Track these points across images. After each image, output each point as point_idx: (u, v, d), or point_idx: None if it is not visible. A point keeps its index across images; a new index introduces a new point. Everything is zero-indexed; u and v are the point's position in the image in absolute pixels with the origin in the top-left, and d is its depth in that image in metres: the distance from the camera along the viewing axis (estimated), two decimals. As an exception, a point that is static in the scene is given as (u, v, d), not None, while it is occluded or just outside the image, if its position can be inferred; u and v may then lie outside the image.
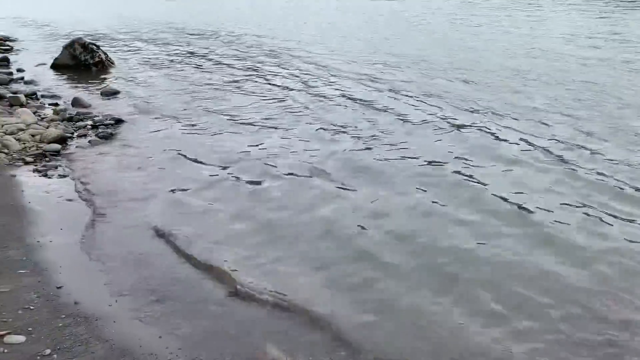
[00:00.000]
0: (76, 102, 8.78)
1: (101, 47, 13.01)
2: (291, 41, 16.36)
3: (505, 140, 6.81)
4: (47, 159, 6.21)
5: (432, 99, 8.84)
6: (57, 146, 6.51)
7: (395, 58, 12.60)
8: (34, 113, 7.86)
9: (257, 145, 6.73)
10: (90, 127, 7.49)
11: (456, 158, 6.20)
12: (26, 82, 10.76)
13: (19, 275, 3.74)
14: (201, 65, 12.82)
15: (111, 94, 9.59)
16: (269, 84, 10.41)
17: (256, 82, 10.62)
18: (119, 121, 7.76)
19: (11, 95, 8.80)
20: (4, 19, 27.63)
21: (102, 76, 11.60)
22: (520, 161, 6.08)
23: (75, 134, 7.18)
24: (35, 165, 5.97)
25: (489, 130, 7.17)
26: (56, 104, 8.83)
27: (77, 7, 39.88)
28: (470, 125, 7.41)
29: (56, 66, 12.47)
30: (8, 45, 16.65)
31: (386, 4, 29.09)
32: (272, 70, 11.84)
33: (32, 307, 3.37)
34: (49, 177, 5.71)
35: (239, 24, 21.87)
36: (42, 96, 9.50)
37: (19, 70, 12.16)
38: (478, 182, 5.52)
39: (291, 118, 7.96)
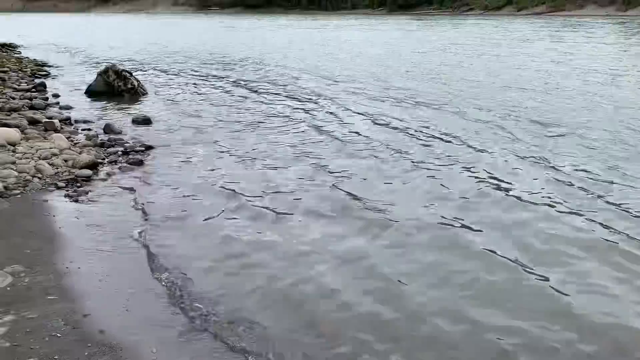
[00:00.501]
0: (108, 128, 8.97)
1: (134, 74, 13.34)
2: (328, 74, 16.53)
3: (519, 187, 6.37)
4: (78, 184, 6.31)
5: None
6: (88, 172, 6.62)
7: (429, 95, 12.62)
8: (68, 138, 8.03)
9: (285, 177, 6.70)
10: (121, 153, 7.62)
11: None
12: (61, 108, 11.06)
13: (47, 302, 3.75)
14: (233, 94, 13.04)
15: (142, 120, 9.77)
16: (305, 112, 10.53)
17: (291, 113, 10.68)
18: (149, 148, 7.89)
19: (46, 120, 9.03)
20: (42, 46, 28.61)
21: (134, 103, 11.87)
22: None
23: (107, 159, 7.30)
24: (67, 190, 6.07)
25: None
26: (89, 130, 9.03)
27: (110, 34, 41.20)
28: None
29: (90, 92, 12.82)
30: (45, 71, 17.23)
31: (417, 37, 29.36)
32: (309, 100, 11.94)
33: (59, 335, 3.38)
34: (80, 203, 5.78)
35: (276, 56, 22.22)
36: (76, 121, 9.74)
37: (55, 95, 12.51)
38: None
39: (323, 151, 7.93)
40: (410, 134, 8.72)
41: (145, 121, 9.76)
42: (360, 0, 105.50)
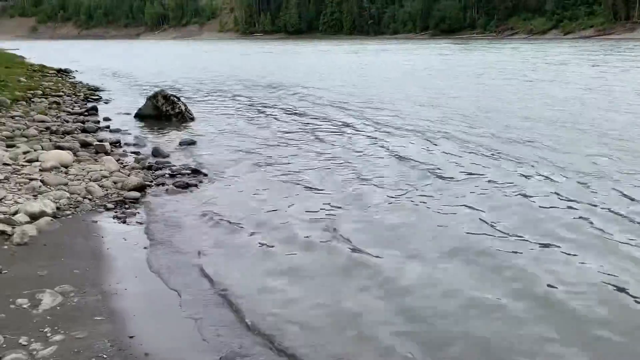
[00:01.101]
0: (156, 152, 9.20)
1: (181, 99, 13.70)
2: (369, 98, 16.58)
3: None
4: (126, 206, 6.46)
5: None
6: (136, 194, 6.77)
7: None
8: (117, 161, 8.27)
9: (336, 207, 6.51)
10: (168, 176, 7.78)
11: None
12: (111, 131, 11.43)
13: (94, 322, 3.81)
14: (276, 118, 13.21)
15: (189, 144, 9.99)
16: (347, 136, 10.56)
17: (334, 138, 10.69)
18: (195, 171, 8.02)
19: (97, 143, 9.34)
20: (94, 71, 29.82)
21: (181, 127, 12.17)
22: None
23: (154, 182, 7.46)
24: (116, 212, 6.21)
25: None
26: (137, 153, 9.28)
27: (159, 60, 42.60)
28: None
29: (139, 116, 13.23)
30: (97, 95, 17.91)
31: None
32: (350, 125, 11.98)
33: (105, 356, 3.41)
34: (128, 224, 5.91)
35: (324, 81, 22.49)
36: (125, 144, 10.03)
37: (106, 119, 12.95)
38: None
39: (366, 176, 7.91)
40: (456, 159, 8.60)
41: (192, 145, 9.98)
42: (401, 25, 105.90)
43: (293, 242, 5.46)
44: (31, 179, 6.80)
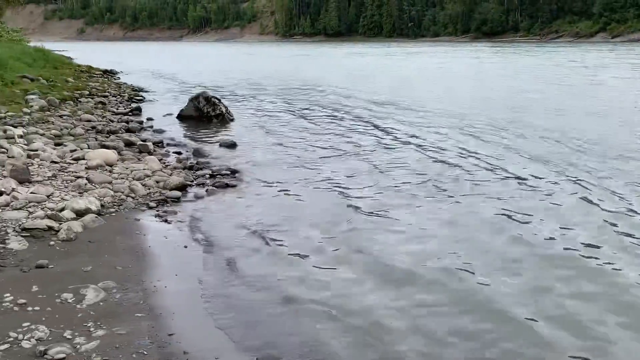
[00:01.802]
0: (197, 152, 9.34)
1: (222, 101, 13.88)
2: (410, 102, 16.46)
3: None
4: (168, 204, 6.57)
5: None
6: (177, 193, 6.89)
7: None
8: (160, 160, 8.43)
9: (374, 214, 6.44)
10: (208, 176, 7.88)
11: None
12: (155, 131, 11.67)
13: (136, 319, 3.88)
14: (315, 120, 13.24)
15: (229, 145, 10.11)
16: (396, 137, 10.50)
17: (377, 141, 10.65)
18: (234, 172, 8.11)
19: (141, 142, 9.54)
20: (138, 72, 30.53)
21: (222, 128, 12.33)
22: None
23: (195, 182, 7.57)
24: (157, 211, 6.33)
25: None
26: (179, 153, 9.44)
27: (201, 61, 43.33)
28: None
29: (181, 116, 13.47)
30: (141, 96, 18.33)
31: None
32: (396, 129, 11.90)
33: (145, 352, 3.47)
34: (169, 223, 6.00)
35: (363, 83, 22.48)
36: (168, 144, 10.22)
37: (149, 119, 13.23)
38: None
39: (409, 180, 7.85)
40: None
41: (232, 146, 10.09)
42: (442, 27, 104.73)
43: (330, 248, 5.44)
44: (77, 177, 7.00)
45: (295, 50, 66.96)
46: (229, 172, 8.06)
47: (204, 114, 13.14)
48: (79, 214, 5.70)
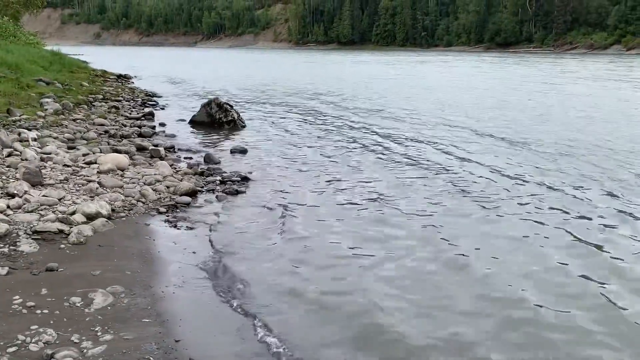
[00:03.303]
0: (208, 158, 9.37)
1: (234, 107, 13.94)
2: (419, 110, 16.44)
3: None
4: (178, 210, 6.60)
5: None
6: (188, 199, 6.91)
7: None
8: (171, 166, 8.47)
9: (387, 225, 6.42)
10: (218, 182, 7.90)
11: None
12: (166, 136, 11.74)
13: (143, 324, 3.89)
14: (327, 128, 13.26)
15: (240, 151, 10.14)
16: (397, 146, 10.49)
17: (383, 149, 10.70)
18: (245, 179, 8.12)
19: (153, 147, 9.60)
20: (152, 77, 30.77)
21: (233, 134, 12.37)
22: None
23: (205, 188, 7.60)
24: (167, 216, 6.35)
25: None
26: (190, 158, 9.49)
27: (214, 67, 43.59)
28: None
29: (193, 122, 13.55)
30: (154, 101, 18.46)
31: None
32: (405, 136, 11.92)
33: (151, 358, 3.47)
34: (178, 229, 6.03)
35: (373, 91, 22.50)
36: (179, 150, 10.27)
37: (161, 124, 13.33)
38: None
39: (418, 188, 7.83)
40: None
41: (243, 152, 10.12)
42: (455, 37, 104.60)
43: (338, 254, 5.44)
44: (89, 181, 7.05)
45: (308, 58, 67.18)
46: (239, 179, 8.08)
47: (215, 120, 13.21)
48: (90, 217, 5.73)
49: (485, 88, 24.43)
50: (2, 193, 6.10)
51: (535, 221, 6.36)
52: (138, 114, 14.70)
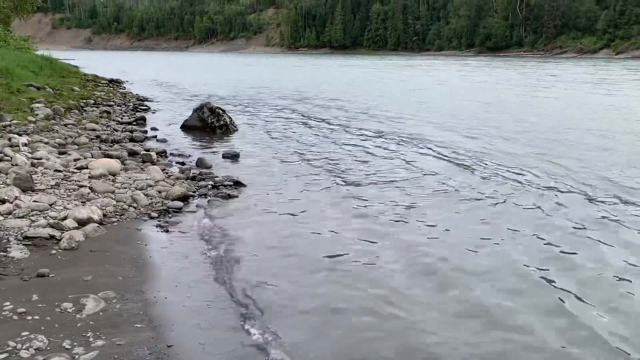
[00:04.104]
0: (200, 162, 9.36)
1: (226, 111, 13.93)
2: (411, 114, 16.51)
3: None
4: (169, 215, 6.58)
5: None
6: (179, 203, 6.90)
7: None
8: (163, 170, 8.45)
9: (381, 233, 6.46)
10: (211, 187, 7.89)
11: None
12: (158, 141, 11.71)
13: (135, 329, 3.88)
14: (320, 132, 13.29)
15: (232, 156, 10.13)
16: (393, 152, 10.53)
17: (376, 152, 10.77)
18: (237, 183, 8.12)
19: (144, 152, 9.58)
20: (144, 81, 30.70)
21: (225, 139, 12.36)
22: None
23: (197, 193, 7.58)
24: (159, 221, 6.34)
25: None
26: (182, 163, 9.46)
27: (206, 72, 43.55)
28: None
29: (185, 127, 13.52)
30: (146, 106, 18.41)
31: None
32: (398, 142, 11.97)
33: (143, 364, 3.47)
34: (170, 233, 6.01)
35: (362, 95, 22.58)
36: (171, 154, 10.25)
37: (153, 129, 13.29)
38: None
39: (413, 193, 7.87)
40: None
41: (235, 157, 10.11)
42: (446, 42, 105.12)
43: (332, 258, 5.45)
44: (80, 186, 7.02)
45: (300, 62, 67.27)
46: (231, 183, 8.07)
47: (207, 124, 13.20)
48: (81, 223, 5.71)
49: (461, 91, 24.59)
50: (-8, 199, 6.06)
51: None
52: (130, 118, 14.66)
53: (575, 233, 6.17)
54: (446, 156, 10.30)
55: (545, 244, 5.82)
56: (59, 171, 7.68)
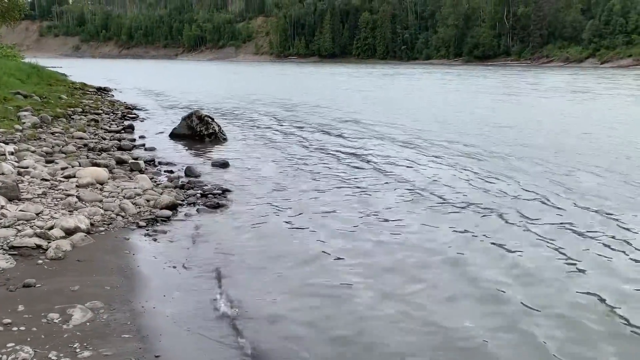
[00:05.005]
0: (188, 171, 9.33)
1: (215, 120, 13.92)
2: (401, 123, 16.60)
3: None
4: (158, 224, 6.55)
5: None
6: (168, 212, 6.86)
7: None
8: (151, 179, 8.40)
9: (369, 240, 6.58)
10: (199, 195, 7.87)
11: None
12: (146, 149, 11.66)
13: (122, 340, 3.85)
14: (310, 140, 13.31)
15: (221, 164, 10.11)
16: (385, 168, 10.57)
17: (365, 160, 10.80)
18: (226, 191, 8.10)
19: (132, 161, 9.54)
20: (132, 89, 30.60)
21: (214, 147, 12.35)
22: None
23: (185, 201, 7.55)
24: (147, 230, 6.30)
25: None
26: (171, 172, 9.43)
27: (195, 80, 43.50)
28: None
29: (174, 135, 13.49)
30: (134, 114, 18.35)
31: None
32: (388, 155, 12.01)
33: (131, 375, 3.44)
34: (158, 242, 5.98)
35: (353, 104, 22.70)
36: (159, 163, 10.21)
37: (141, 137, 13.24)
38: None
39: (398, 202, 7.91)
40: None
41: (224, 165, 10.10)
42: (435, 51, 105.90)
43: (319, 267, 5.45)
44: (68, 195, 6.97)
45: (288, 70, 67.44)
46: (220, 192, 8.05)
47: (196, 132, 13.17)
48: (68, 232, 5.66)
49: (439, 98, 24.80)
50: (-22, 208, 5.99)
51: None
52: (118, 127, 14.60)
53: (539, 243, 6.21)
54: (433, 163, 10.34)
55: (504, 253, 5.85)
56: (46, 180, 7.62)
